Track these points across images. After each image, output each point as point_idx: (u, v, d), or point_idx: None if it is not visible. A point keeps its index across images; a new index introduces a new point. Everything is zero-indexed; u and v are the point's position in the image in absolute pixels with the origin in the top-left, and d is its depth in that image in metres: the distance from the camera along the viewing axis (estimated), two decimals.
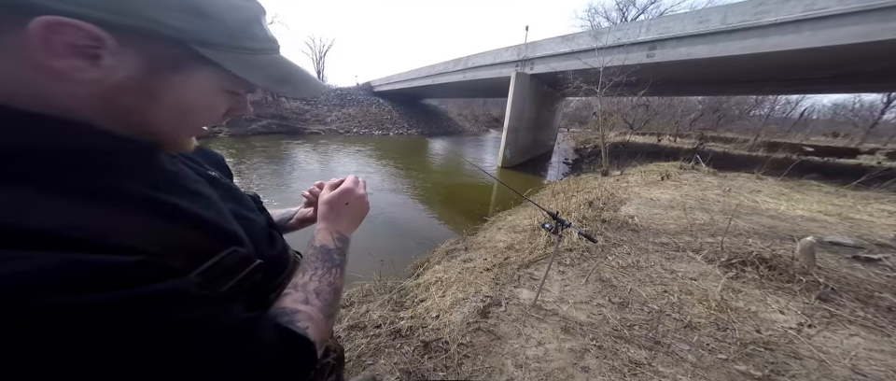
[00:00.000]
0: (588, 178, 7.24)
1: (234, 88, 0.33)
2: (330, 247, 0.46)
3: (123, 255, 0.23)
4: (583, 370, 1.39)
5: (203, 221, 0.32)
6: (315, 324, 0.37)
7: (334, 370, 0.61)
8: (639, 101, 11.07)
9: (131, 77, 0.26)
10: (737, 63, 7.02)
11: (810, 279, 2.06)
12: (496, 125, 34.88)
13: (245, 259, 0.35)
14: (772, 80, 9.47)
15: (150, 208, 0.28)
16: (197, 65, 0.29)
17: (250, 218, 0.44)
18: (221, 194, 0.41)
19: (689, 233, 3.01)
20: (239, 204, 0.44)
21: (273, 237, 0.49)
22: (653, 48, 7.67)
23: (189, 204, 0.32)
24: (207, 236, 0.32)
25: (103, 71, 0.24)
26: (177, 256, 0.28)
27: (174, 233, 0.29)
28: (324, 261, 0.44)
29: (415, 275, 2.57)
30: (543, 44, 10.16)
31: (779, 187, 5.25)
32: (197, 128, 0.34)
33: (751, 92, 15.87)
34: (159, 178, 0.32)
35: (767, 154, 10.58)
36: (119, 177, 0.28)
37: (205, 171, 0.43)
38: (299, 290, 0.40)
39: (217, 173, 0.46)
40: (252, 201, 0.50)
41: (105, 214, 0.25)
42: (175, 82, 0.28)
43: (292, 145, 13.26)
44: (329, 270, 0.43)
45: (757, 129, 18.91)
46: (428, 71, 18.74)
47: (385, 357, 1.46)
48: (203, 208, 0.34)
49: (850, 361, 1.43)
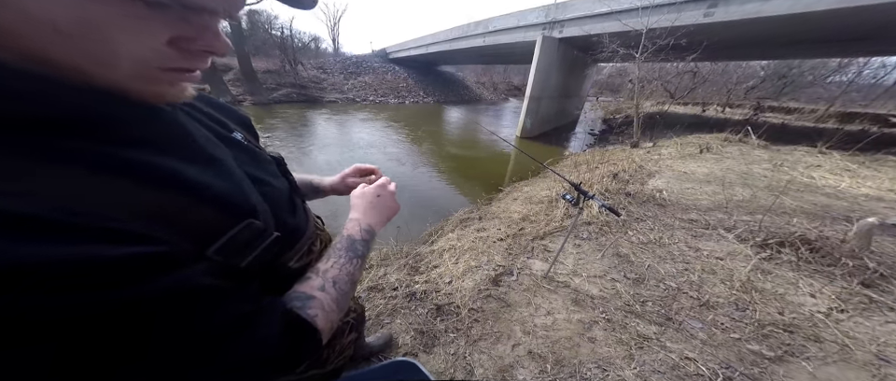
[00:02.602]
0: (615, 150, 6.82)
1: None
2: (356, 238, 0.48)
3: (131, 245, 0.22)
4: (590, 340, 1.44)
5: (216, 193, 0.31)
6: (325, 314, 0.38)
7: (354, 328, 0.65)
8: (686, 67, 9.87)
9: None
10: (823, 20, 5.61)
11: (858, 263, 1.89)
12: (516, 94, 33.07)
13: (262, 232, 0.34)
14: (867, 39, 7.48)
15: (155, 180, 0.26)
16: None
17: (271, 183, 0.44)
18: (243, 158, 0.40)
19: (723, 210, 2.82)
20: (261, 170, 0.43)
21: (294, 204, 0.49)
22: (713, 5, 6.42)
23: (199, 172, 0.31)
24: (220, 210, 0.31)
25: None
26: (188, 235, 0.27)
27: (184, 211, 0.27)
28: (347, 250, 0.46)
29: (430, 242, 2.67)
30: (577, 4, 9.10)
31: (846, 162, 4.63)
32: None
33: (836, 55, 12.52)
34: (165, 140, 0.30)
35: (838, 126, 9.23)
36: (111, 142, 0.26)
37: (228, 133, 0.42)
38: (318, 277, 0.41)
39: (242, 134, 0.45)
40: (275, 164, 0.49)
41: (101, 188, 0.23)
42: None
43: (311, 113, 13.57)
44: (350, 259, 0.45)
45: (832, 97, 16.29)
46: (446, 35, 17.79)
47: (401, 317, 1.59)
48: (215, 176, 0.32)
49: (877, 347, 1.35)
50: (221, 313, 0.28)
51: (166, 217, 0.26)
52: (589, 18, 8.87)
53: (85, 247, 0.21)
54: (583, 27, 9.06)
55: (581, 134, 12.32)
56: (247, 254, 0.32)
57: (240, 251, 0.31)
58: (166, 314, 0.24)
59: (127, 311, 0.22)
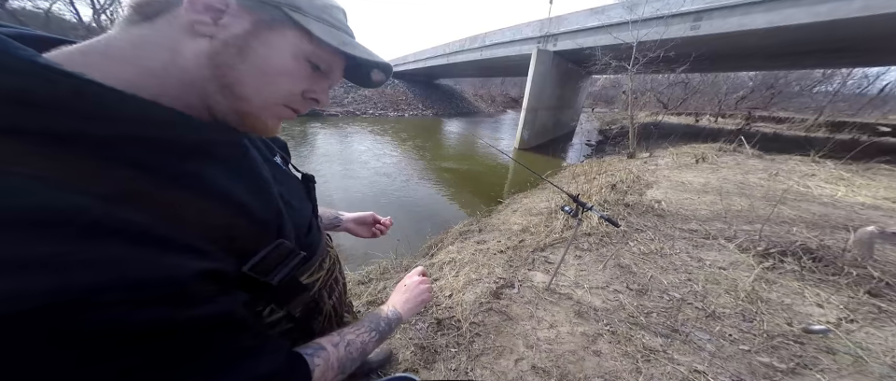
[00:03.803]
0: (612, 160, 6.88)
1: (314, 57, 0.34)
2: (382, 317, 0.54)
3: (185, 258, 0.25)
4: (595, 354, 1.39)
5: (260, 215, 0.34)
6: (327, 368, 0.40)
7: None
8: (677, 78, 10.14)
9: (236, 34, 0.30)
10: (806, 32, 6.03)
11: (863, 272, 1.88)
12: (513, 106, 33.76)
13: (290, 252, 0.37)
14: (848, 51, 7.99)
15: (219, 198, 0.30)
16: (286, 25, 0.32)
17: (296, 206, 0.46)
18: (279, 179, 0.43)
19: (722, 220, 2.82)
20: (289, 191, 0.46)
21: (312, 227, 0.51)
22: (699, 18, 6.80)
23: (251, 194, 0.34)
24: (261, 230, 0.34)
25: (218, 29, 0.29)
26: (231, 253, 0.30)
27: (232, 227, 0.30)
28: (372, 322, 0.51)
29: (430, 255, 2.63)
30: (569, 18, 9.48)
31: (840, 171, 4.69)
32: (281, 98, 0.34)
33: (819, 66, 13.59)
34: (235, 163, 0.34)
35: (829, 135, 9.42)
36: (206, 163, 0.30)
37: (271, 156, 0.46)
38: (338, 335, 0.45)
39: (280, 157, 0.50)
40: (304, 184, 0.53)
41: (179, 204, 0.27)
42: (267, 40, 0.31)
43: (312, 126, 13.66)
44: (370, 331, 0.49)
45: (820, 107, 16.74)
46: (444, 49, 18.28)
47: (400, 332, 1.54)
48: (260, 199, 0.35)
49: (892, 359, 1.31)
50: (236, 341, 0.29)
51: (224, 234, 0.30)
52: (582, 31, 9.17)
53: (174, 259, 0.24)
54: (576, 40, 9.35)
55: (577, 145, 12.48)
56: (277, 272, 0.35)
57: (271, 269, 0.34)
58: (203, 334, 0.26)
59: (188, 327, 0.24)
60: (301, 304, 0.43)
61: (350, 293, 1.99)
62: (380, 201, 5.27)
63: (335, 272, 0.55)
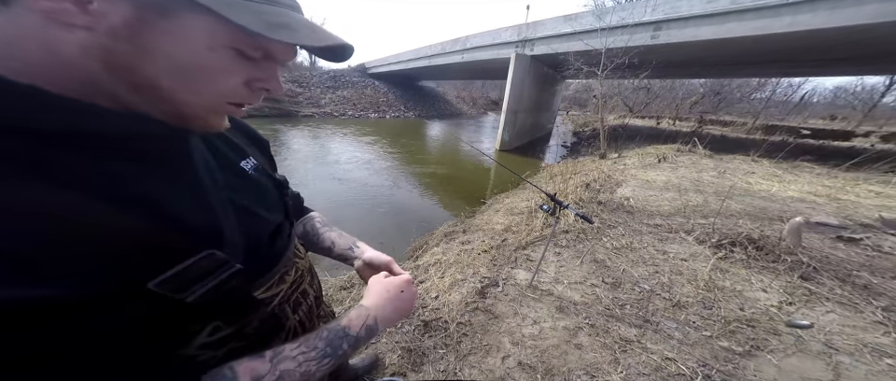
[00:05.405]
0: (586, 161, 7.26)
1: (239, 44, 0.28)
2: (351, 332, 0.42)
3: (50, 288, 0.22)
4: (577, 347, 1.46)
5: (187, 223, 0.31)
6: None
7: None
8: (640, 84, 10.91)
9: (121, 24, 0.24)
10: (744, 44, 6.94)
11: (795, 259, 2.14)
12: (494, 108, 34.42)
13: (221, 263, 0.32)
14: (777, 62, 9.36)
15: (121, 201, 0.27)
16: (185, 11, 0.25)
17: (259, 215, 0.42)
18: (238, 186, 0.40)
19: (682, 215, 3.07)
20: (254, 200, 0.42)
21: (278, 236, 0.46)
22: (658, 29, 7.49)
23: (177, 198, 0.31)
24: (183, 238, 0.30)
25: (92, 17, 0.23)
26: (128, 265, 0.26)
27: (138, 238, 0.27)
28: (327, 344, 0.40)
29: (414, 258, 2.62)
30: (545, 24, 9.85)
31: (774, 169, 5.32)
32: (215, 96, 0.30)
33: (755, 75, 15.68)
34: (161, 164, 0.31)
35: (764, 137, 10.61)
36: (107, 160, 0.27)
37: (236, 160, 0.42)
38: (267, 362, 0.35)
39: (253, 164, 0.45)
40: (277, 193, 0.48)
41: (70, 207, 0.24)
42: (165, 29, 0.25)
43: (286, 128, 12.99)
44: (320, 359, 0.38)
45: (756, 112, 18.87)
46: (426, 51, 18.16)
47: (386, 336, 1.52)
48: (190, 205, 0.32)
49: (824, 336, 1.52)
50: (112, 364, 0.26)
51: (108, 243, 0.26)
52: (556, 37, 9.58)
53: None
54: (551, 45, 9.75)
55: (554, 146, 12.96)
56: (197, 288, 0.30)
57: (189, 284, 0.30)
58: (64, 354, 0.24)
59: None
60: (256, 321, 0.39)
61: (330, 300, 1.92)
62: (362, 204, 5.13)
63: (303, 285, 0.50)
